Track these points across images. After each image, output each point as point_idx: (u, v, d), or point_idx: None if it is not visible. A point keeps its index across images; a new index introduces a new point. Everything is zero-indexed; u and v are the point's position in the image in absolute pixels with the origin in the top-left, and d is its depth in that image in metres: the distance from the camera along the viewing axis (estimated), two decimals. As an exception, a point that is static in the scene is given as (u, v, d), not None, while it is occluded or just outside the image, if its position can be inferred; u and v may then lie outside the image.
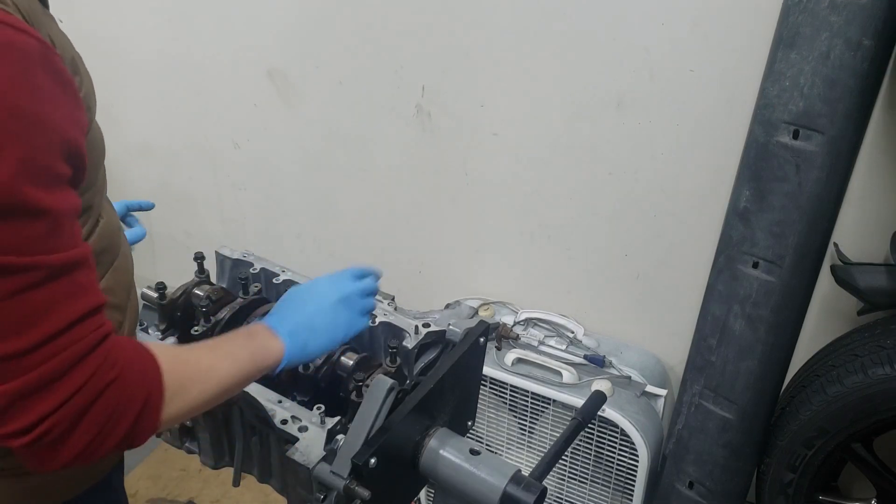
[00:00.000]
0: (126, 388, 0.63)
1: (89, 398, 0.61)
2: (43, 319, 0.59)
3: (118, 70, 2.16)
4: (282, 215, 2.20)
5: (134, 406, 0.64)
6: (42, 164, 0.57)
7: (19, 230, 0.56)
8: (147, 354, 0.67)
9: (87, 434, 0.61)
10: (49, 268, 0.59)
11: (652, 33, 1.46)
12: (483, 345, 1.07)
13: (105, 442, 0.63)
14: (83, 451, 0.62)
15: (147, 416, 0.65)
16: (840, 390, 1.33)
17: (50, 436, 0.60)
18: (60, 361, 0.59)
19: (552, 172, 1.71)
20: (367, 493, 0.85)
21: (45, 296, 0.59)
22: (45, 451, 0.61)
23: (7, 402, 0.58)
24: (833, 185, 1.26)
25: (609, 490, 1.65)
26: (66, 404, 0.60)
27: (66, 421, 0.60)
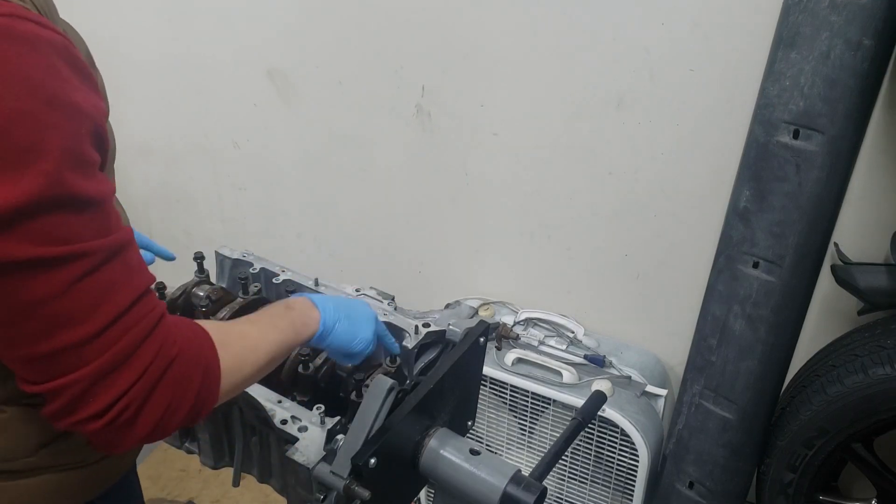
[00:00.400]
0: (188, 362, 0.66)
1: (157, 375, 0.63)
2: (105, 302, 0.60)
3: (118, 70, 2.16)
4: (282, 215, 2.20)
5: (196, 379, 0.66)
6: (81, 152, 0.58)
7: (70, 219, 0.58)
8: (200, 330, 0.70)
9: (157, 410, 0.63)
10: (103, 251, 0.60)
11: (652, 33, 1.46)
12: (483, 345, 1.07)
13: (174, 416, 0.65)
14: (155, 428, 0.64)
15: (208, 389, 0.68)
16: (840, 390, 1.33)
17: (124, 415, 0.61)
18: (128, 342, 0.61)
19: (552, 172, 1.71)
20: (367, 493, 0.85)
21: (104, 279, 0.60)
22: (118, 431, 0.62)
23: (84, 387, 0.60)
24: (833, 185, 1.26)
25: (609, 490, 1.65)
26: (138, 383, 0.62)
27: (139, 399, 0.62)
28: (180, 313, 1.15)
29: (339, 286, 1.23)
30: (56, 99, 0.56)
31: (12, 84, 0.53)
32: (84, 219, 0.59)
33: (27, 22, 0.56)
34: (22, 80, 0.54)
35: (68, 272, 0.58)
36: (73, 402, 0.60)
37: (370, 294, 1.22)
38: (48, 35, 0.57)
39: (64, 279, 0.58)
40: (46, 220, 0.56)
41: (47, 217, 0.56)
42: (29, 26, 0.56)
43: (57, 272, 0.57)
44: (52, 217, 0.56)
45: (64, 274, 0.58)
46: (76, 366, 0.59)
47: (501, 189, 1.80)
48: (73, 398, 0.60)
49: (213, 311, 1.11)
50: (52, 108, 0.55)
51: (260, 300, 1.18)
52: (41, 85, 0.55)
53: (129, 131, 2.28)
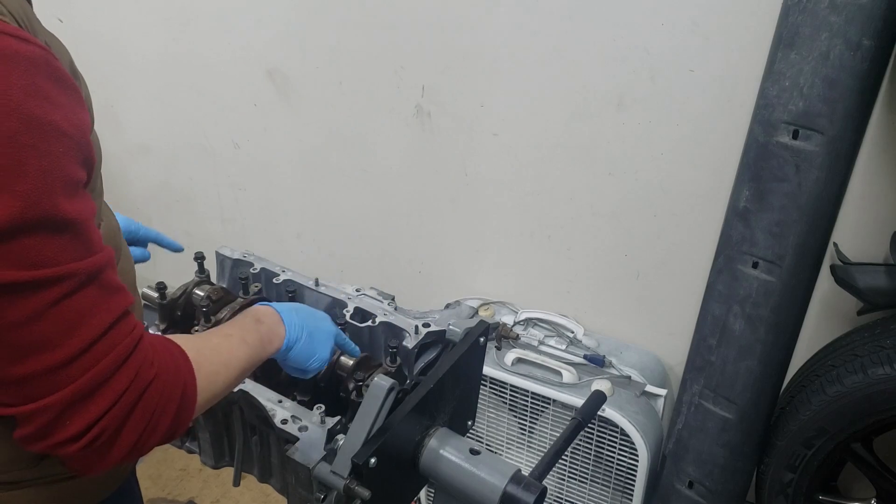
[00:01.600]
0: (166, 384, 0.65)
1: (134, 398, 0.62)
2: (81, 327, 0.59)
3: (118, 70, 2.16)
4: (282, 215, 2.20)
5: (174, 400, 0.66)
6: (62, 174, 0.57)
7: (49, 242, 0.56)
8: (177, 350, 0.69)
9: (133, 433, 0.63)
10: (80, 275, 0.59)
11: (652, 33, 1.46)
12: (483, 345, 1.07)
13: (150, 438, 0.65)
14: (131, 451, 0.63)
15: (185, 408, 0.68)
16: (840, 390, 1.33)
17: (100, 440, 0.61)
18: (104, 366, 0.60)
19: (552, 172, 1.71)
20: (367, 492, 0.85)
21: (81, 303, 0.59)
22: (94, 454, 0.62)
23: (57, 412, 0.59)
24: (833, 185, 1.26)
25: (609, 490, 1.65)
26: (114, 407, 0.61)
27: (115, 423, 0.61)
28: (181, 313, 1.15)
29: (340, 286, 1.24)
30: (35, 120, 0.54)
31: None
32: (63, 241, 0.58)
33: (5, 37, 0.54)
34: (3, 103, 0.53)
35: (44, 296, 0.57)
36: (46, 426, 0.59)
37: (370, 294, 1.22)
38: (27, 50, 0.56)
39: (39, 303, 0.57)
40: (23, 243, 0.55)
41: (24, 240, 0.55)
42: (7, 41, 0.54)
43: (32, 296, 0.56)
44: (30, 240, 0.55)
45: (39, 298, 0.56)
46: (49, 391, 0.58)
47: (501, 189, 1.80)
48: (46, 423, 0.59)
49: (214, 311, 1.11)
50: (30, 129, 0.54)
51: (260, 300, 1.18)
52: (20, 105, 0.54)
53: (129, 131, 2.28)
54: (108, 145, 0.79)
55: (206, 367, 0.72)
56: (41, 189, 0.55)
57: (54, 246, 0.57)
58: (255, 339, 0.84)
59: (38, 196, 0.55)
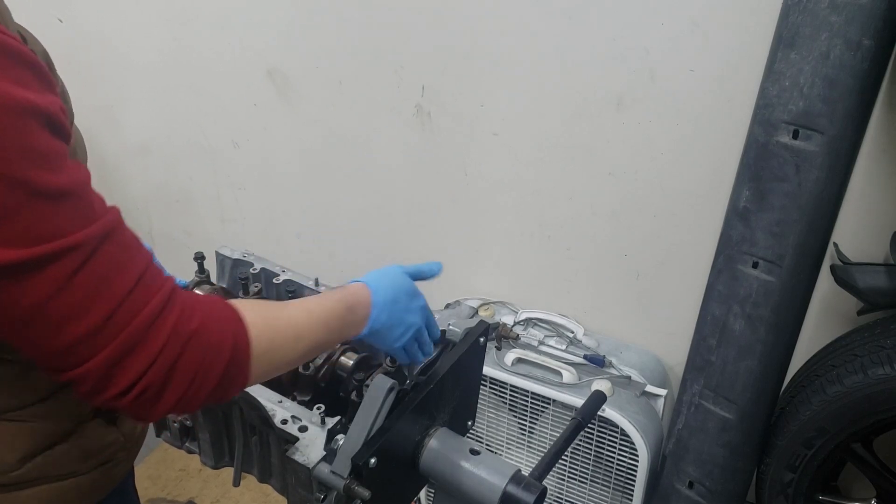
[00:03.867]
0: (210, 336, 0.65)
1: (176, 352, 0.63)
2: (107, 289, 0.60)
3: (118, 70, 2.16)
4: (282, 215, 2.20)
5: (222, 355, 0.66)
6: (45, 147, 0.57)
7: (48, 214, 0.57)
8: (226, 306, 0.69)
9: (181, 386, 0.63)
10: (92, 240, 0.59)
11: (652, 33, 1.46)
12: (483, 345, 1.07)
13: (200, 390, 0.65)
14: (180, 401, 0.64)
15: (236, 367, 0.67)
16: (840, 390, 1.33)
17: (148, 392, 0.62)
18: (139, 323, 0.61)
19: (552, 172, 1.71)
20: (367, 493, 0.85)
21: (100, 267, 0.60)
22: (145, 406, 0.63)
23: (102, 373, 0.60)
24: (833, 185, 1.26)
25: (609, 490, 1.65)
26: (157, 361, 0.62)
27: (160, 377, 0.62)
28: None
29: (339, 286, 1.23)
30: (9, 98, 0.54)
31: None
32: (64, 211, 0.58)
33: None
34: None
35: (62, 268, 0.57)
36: (96, 385, 0.61)
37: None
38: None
39: (59, 275, 0.57)
40: (22, 221, 0.55)
41: (24, 217, 0.55)
42: None
43: (50, 270, 0.57)
44: (28, 216, 0.55)
45: (58, 270, 0.57)
46: (91, 354, 0.60)
47: (501, 189, 1.80)
48: (95, 383, 0.61)
49: (214, 311, 1.11)
50: (5, 109, 0.54)
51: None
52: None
53: (128, 131, 2.28)
54: (107, 145, 0.79)
55: (269, 333, 0.71)
56: (25, 165, 0.55)
57: (56, 217, 0.57)
58: (337, 325, 0.83)
59: (23, 173, 0.55)
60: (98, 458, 0.82)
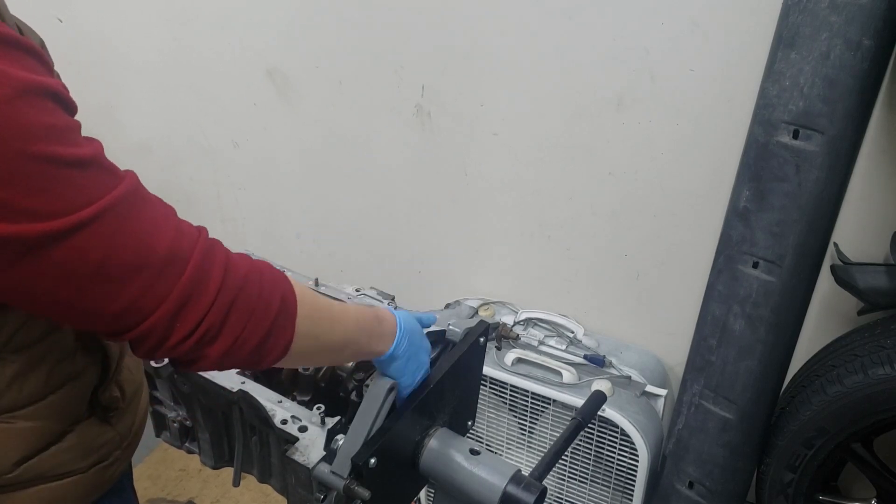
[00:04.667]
0: (262, 282, 0.69)
1: (233, 291, 0.66)
2: (153, 239, 0.62)
3: (118, 70, 2.16)
4: (282, 215, 2.20)
5: (273, 303, 0.69)
6: (63, 124, 0.59)
7: (83, 183, 0.59)
8: (273, 267, 0.72)
9: (237, 326, 0.66)
10: (123, 198, 0.62)
11: (652, 33, 1.46)
12: (483, 345, 1.07)
13: (252, 336, 0.67)
14: (234, 344, 0.66)
15: (284, 318, 0.70)
16: (840, 390, 1.33)
17: (208, 334, 0.65)
18: (193, 266, 0.64)
19: (552, 172, 1.71)
20: (367, 493, 0.85)
21: (138, 221, 0.62)
22: (204, 348, 0.66)
23: (166, 323, 0.63)
24: (833, 185, 1.26)
25: (609, 490, 1.65)
26: (216, 301, 0.65)
27: (220, 316, 0.65)
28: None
29: (339, 286, 1.24)
30: (22, 81, 0.56)
31: None
32: (92, 178, 0.60)
33: None
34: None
35: (105, 227, 0.59)
36: (160, 339, 0.63)
37: (370, 294, 1.22)
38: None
39: (104, 236, 0.59)
40: (58, 192, 0.57)
41: (58, 189, 0.57)
42: None
43: (94, 233, 0.59)
44: (63, 187, 0.57)
45: (102, 231, 0.59)
46: (153, 308, 0.62)
47: (501, 189, 1.80)
48: (159, 337, 0.63)
49: (214, 311, 1.11)
50: (24, 91, 0.55)
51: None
52: (4, 74, 0.55)
53: (128, 131, 2.28)
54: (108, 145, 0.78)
55: (310, 303, 0.74)
56: (52, 142, 0.57)
57: (88, 185, 0.59)
58: (367, 328, 0.84)
59: (51, 148, 0.56)
60: (94, 458, 0.82)
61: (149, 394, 0.96)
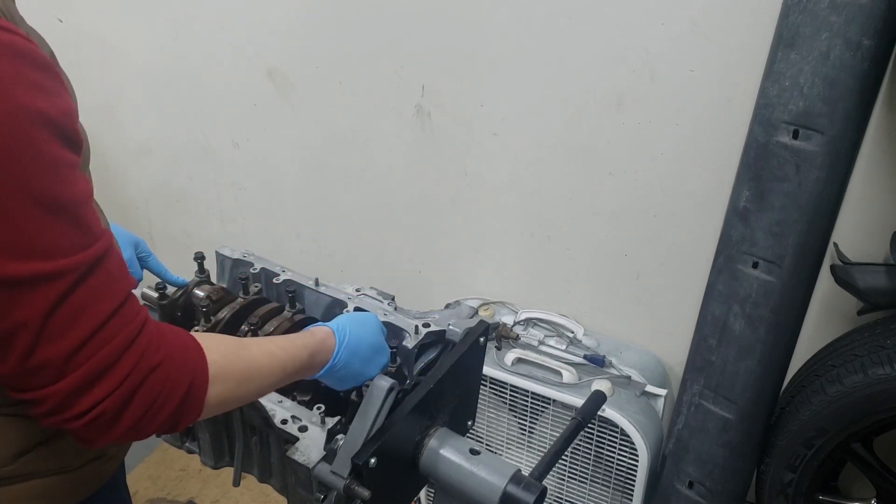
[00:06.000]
0: (171, 371, 0.66)
1: (137, 382, 0.64)
2: (85, 316, 0.61)
3: (118, 70, 2.16)
4: (282, 215, 2.20)
5: (179, 390, 0.67)
6: (51, 158, 0.58)
7: (50, 229, 0.58)
8: (191, 341, 0.70)
9: (134, 414, 0.64)
10: (86, 264, 0.60)
11: (652, 33, 1.46)
12: (483, 345, 1.07)
13: (152, 421, 0.66)
14: (131, 429, 0.65)
15: (191, 401, 0.68)
16: (840, 390, 1.33)
17: (103, 418, 0.63)
18: (109, 352, 0.62)
19: (552, 172, 1.71)
20: (367, 493, 0.85)
21: (87, 292, 0.61)
22: (97, 430, 0.64)
23: (64, 396, 0.61)
24: (833, 185, 1.26)
25: (609, 490, 1.65)
26: (117, 390, 0.63)
27: (117, 404, 0.63)
28: (181, 313, 1.15)
29: (339, 286, 1.23)
30: (23, 108, 0.55)
31: None
32: (62, 227, 0.59)
33: None
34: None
35: (54, 289, 0.58)
36: (55, 407, 0.62)
37: (370, 294, 1.22)
38: (10, 39, 0.56)
39: (50, 297, 0.58)
40: (22, 230, 0.56)
41: (22, 226, 0.56)
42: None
43: (42, 290, 0.58)
44: (28, 225, 0.56)
45: (49, 291, 0.58)
46: (57, 377, 0.61)
47: (501, 189, 1.80)
48: (56, 405, 0.62)
49: (214, 311, 1.11)
50: (20, 115, 0.55)
51: (260, 300, 1.18)
52: (7, 94, 0.54)
53: (128, 131, 2.28)
54: (107, 145, 0.79)
55: (228, 371, 0.72)
56: (33, 174, 0.56)
57: (55, 233, 0.58)
58: (295, 370, 0.84)
59: (30, 181, 0.55)
60: (90, 454, 0.82)
61: None
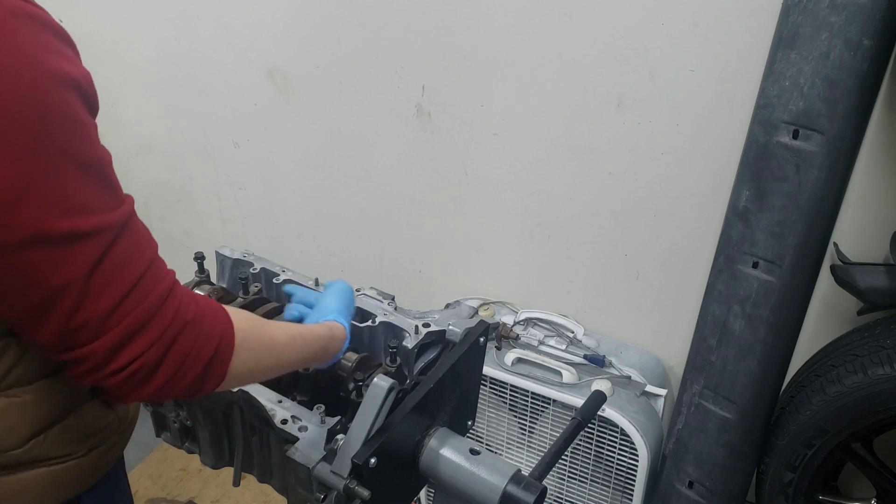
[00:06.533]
0: (202, 328, 0.69)
1: (173, 336, 0.67)
2: (123, 273, 0.64)
3: (118, 70, 2.16)
4: (282, 215, 2.20)
5: (209, 348, 0.70)
6: (79, 119, 0.61)
7: (84, 186, 0.61)
8: (219, 306, 0.74)
9: (168, 370, 0.67)
10: (119, 223, 0.64)
11: (652, 33, 1.46)
12: (483, 345, 1.07)
13: (183, 379, 0.69)
14: (163, 386, 0.68)
15: (218, 363, 0.71)
16: (840, 390, 1.33)
17: (140, 373, 0.66)
18: (147, 307, 0.65)
19: (552, 172, 1.71)
20: (367, 493, 0.85)
21: (122, 250, 0.64)
22: (132, 386, 0.67)
23: (106, 352, 0.64)
24: (833, 185, 1.26)
25: (609, 490, 1.65)
26: (155, 345, 0.66)
27: (154, 359, 0.66)
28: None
29: (339, 286, 1.23)
30: (49, 70, 0.58)
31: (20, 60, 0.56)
32: (94, 184, 0.62)
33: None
34: (28, 58, 0.56)
35: (94, 247, 0.61)
36: (97, 364, 0.65)
37: (370, 294, 1.22)
38: (29, 8, 0.59)
39: (91, 254, 0.61)
40: (59, 186, 0.59)
41: (59, 182, 0.59)
42: (14, 1, 0.58)
43: (83, 248, 0.61)
44: (65, 182, 0.59)
45: (90, 249, 0.61)
46: (99, 334, 0.63)
47: (501, 189, 1.80)
48: (97, 362, 0.64)
49: (214, 310, 1.11)
50: (48, 79, 0.57)
51: (260, 300, 1.18)
52: (34, 56, 0.57)
53: (129, 131, 2.28)
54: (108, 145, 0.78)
55: (252, 341, 0.75)
56: (66, 133, 0.59)
57: (89, 190, 0.61)
58: (310, 356, 0.89)
59: (64, 139, 0.58)
60: (94, 440, 0.84)
61: None
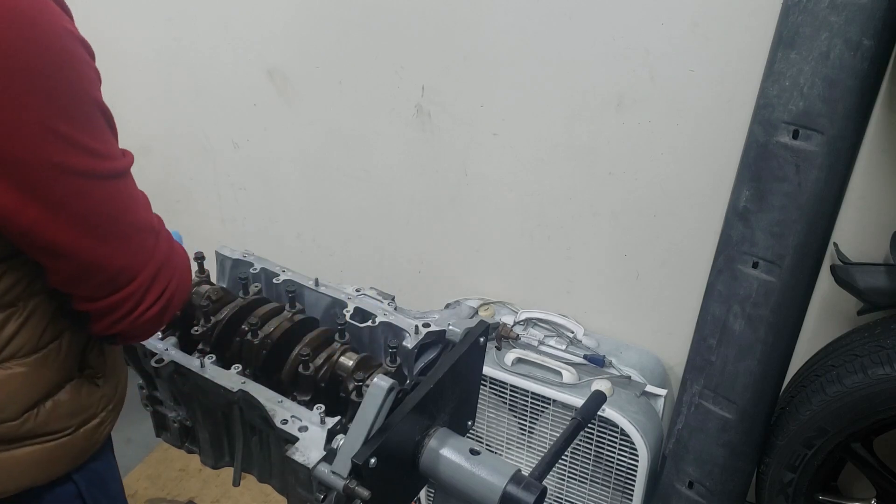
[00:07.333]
0: (185, 261, 0.82)
1: (186, 266, 0.79)
2: (142, 209, 0.74)
3: (118, 70, 2.16)
4: (281, 215, 2.20)
5: (188, 269, 0.82)
6: (95, 73, 0.72)
7: (110, 134, 0.71)
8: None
9: (182, 295, 0.78)
10: (126, 169, 0.73)
11: (652, 33, 1.46)
12: (483, 345, 1.07)
13: (178, 306, 0.80)
14: (174, 312, 0.79)
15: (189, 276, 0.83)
16: (840, 390, 1.33)
17: (172, 303, 0.76)
18: (166, 244, 0.75)
19: (552, 172, 1.71)
20: (367, 493, 0.85)
21: (133, 194, 0.74)
22: (160, 318, 0.76)
23: (146, 285, 0.72)
24: (833, 185, 1.26)
25: (609, 490, 1.65)
26: (176, 275, 0.77)
27: (182, 288, 0.77)
28: (180, 313, 1.15)
29: (339, 286, 1.23)
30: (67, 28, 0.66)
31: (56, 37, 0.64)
32: (111, 132, 0.71)
33: None
34: (62, 30, 0.65)
35: (127, 183, 0.71)
36: (136, 303, 0.72)
37: (370, 294, 1.22)
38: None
39: (126, 189, 0.71)
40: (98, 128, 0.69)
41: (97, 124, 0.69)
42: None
43: (121, 183, 0.70)
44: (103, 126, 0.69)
45: (125, 185, 0.71)
46: (138, 272, 0.71)
47: (501, 189, 1.80)
48: (136, 301, 0.72)
49: (214, 310, 1.11)
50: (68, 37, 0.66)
51: (260, 300, 1.18)
52: (53, 16, 0.64)
53: (128, 131, 2.27)
54: (108, 145, 0.80)
55: None
56: (88, 83, 0.69)
57: (107, 135, 0.70)
58: None
59: (88, 89, 0.68)
60: (84, 416, 0.86)
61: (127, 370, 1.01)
